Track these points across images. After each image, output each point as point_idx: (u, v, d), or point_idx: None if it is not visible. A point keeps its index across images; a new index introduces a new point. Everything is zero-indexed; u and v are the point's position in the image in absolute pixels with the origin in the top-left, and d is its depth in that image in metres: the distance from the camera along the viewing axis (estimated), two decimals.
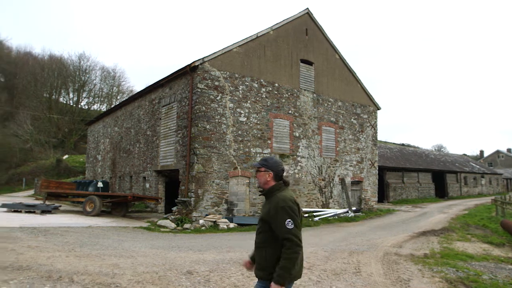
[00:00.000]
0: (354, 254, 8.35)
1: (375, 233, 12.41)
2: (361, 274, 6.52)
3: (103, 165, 24.67)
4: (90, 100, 54.29)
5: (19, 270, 5.69)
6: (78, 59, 52.65)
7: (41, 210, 14.65)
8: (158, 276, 5.82)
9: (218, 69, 14.34)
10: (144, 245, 8.72)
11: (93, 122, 28.47)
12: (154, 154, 16.85)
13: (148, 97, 18.27)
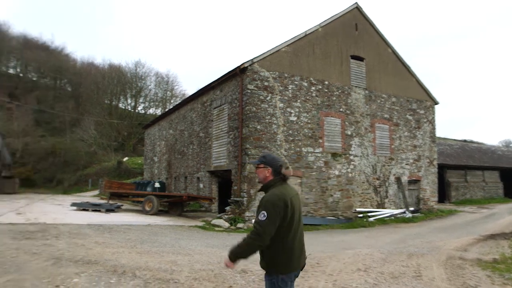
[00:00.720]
0: (414, 256, 7.96)
1: (436, 235, 11.74)
2: (422, 279, 6.20)
3: (160, 166, 25.83)
4: (146, 104, 57.17)
5: (89, 264, 6.15)
6: (135, 67, 55.69)
7: (105, 209, 15.69)
8: (214, 274, 5.98)
9: (267, 69, 14.41)
10: (200, 244, 9.01)
11: (150, 126, 29.94)
12: (207, 155, 17.33)
13: (200, 100, 18.83)
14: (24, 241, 7.93)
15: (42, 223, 10.95)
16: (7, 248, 7.07)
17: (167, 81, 57.95)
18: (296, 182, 14.59)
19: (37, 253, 6.81)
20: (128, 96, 56.08)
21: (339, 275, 6.23)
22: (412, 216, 16.35)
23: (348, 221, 14.77)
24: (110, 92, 54.58)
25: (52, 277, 5.29)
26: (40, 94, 54.79)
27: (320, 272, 6.39)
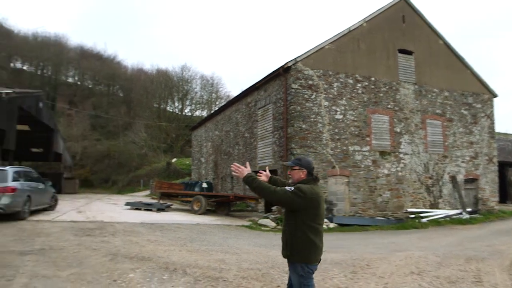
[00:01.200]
0: (472, 261, 7.47)
1: (498, 238, 10.94)
2: (483, 285, 5.80)
3: (207, 166, 26.47)
4: (192, 107, 58.89)
5: (142, 261, 6.44)
6: (181, 71, 57.57)
7: (156, 208, 16.36)
8: (262, 273, 6.01)
9: (311, 68, 14.26)
10: (247, 243, 9.10)
11: (196, 127, 30.79)
12: (253, 155, 17.48)
13: (245, 101, 19.05)
14: (85, 238, 8.48)
15: (100, 221, 11.63)
16: (70, 244, 7.61)
17: (212, 83, 59.29)
18: (343, 181, 14.29)
19: (96, 249, 7.25)
20: (175, 99, 58.10)
21: (391, 277, 6.01)
22: (470, 218, 15.38)
23: (399, 222, 14.20)
24: (159, 96, 56.87)
25: (110, 272, 5.61)
26: (95, 100, 58.43)
27: (370, 274, 6.21)
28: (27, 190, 11.29)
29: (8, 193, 10.22)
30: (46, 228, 9.71)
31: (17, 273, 5.33)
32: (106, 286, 4.90)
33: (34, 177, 12.64)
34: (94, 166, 45.69)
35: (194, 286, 5.14)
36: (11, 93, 19.65)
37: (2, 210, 10.08)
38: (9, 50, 55.72)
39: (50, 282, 4.96)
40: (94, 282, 5.05)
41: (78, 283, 4.96)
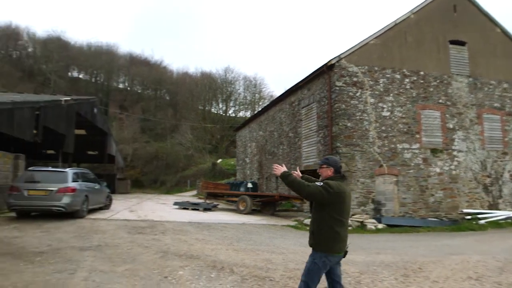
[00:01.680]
0: None
1: None
2: None
3: (251, 167, 26.70)
4: (236, 108, 59.73)
5: (191, 259, 6.63)
6: (224, 73, 58.64)
7: (203, 208, 16.77)
8: None
9: (355, 64, 13.90)
10: (293, 243, 9.06)
11: (240, 128, 31.16)
12: (297, 155, 17.37)
13: (288, 100, 18.98)
14: (137, 236, 8.89)
15: (151, 220, 12.13)
16: (124, 241, 8.01)
17: (255, 84, 59.77)
18: (391, 180, 13.78)
19: (148, 246, 7.57)
20: (219, 100, 59.27)
21: (446, 282, 5.70)
22: None
23: (454, 223, 13.42)
24: (203, 98, 58.33)
25: (160, 268, 5.83)
26: (144, 104, 61.10)
27: (422, 278, 5.92)
28: (85, 190, 12.04)
29: (69, 193, 10.98)
30: (102, 226, 10.29)
31: (78, 267, 5.70)
32: (158, 283, 5.10)
33: (90, 178, 13.45)
34: (144, 167, 47.81)
35: (241, 285, 5.21)
36: (69, 100, 21.10)
37: (63, 209, 10.84)
38: (67, 60, 59.92)
39: (107, 277, 5.25)
40: (146, 278, 5.27)
41: (132, 279, 5.21)
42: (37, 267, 5.68)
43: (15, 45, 61.81)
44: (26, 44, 62.68)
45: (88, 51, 64.23)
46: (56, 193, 10.80)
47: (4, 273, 5.24)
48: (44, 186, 10.88)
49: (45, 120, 17.64)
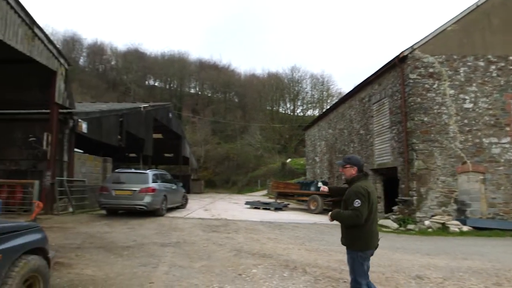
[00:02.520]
0: None
1: None
2: None
3: (321, 166, 26.28)
4: (304, 107, 59.32)
5: (264, 257, 6.72)
6: (291, 72, 58.59)
7: (274, 207, 16.91)
8: (385, 277, 5.68)
9: (431, 54, 12.95)
10: None
11: (309, 127, 30.85)
12: (369, 152, 16.70)
13: (358, 97, 18.33)
14: (212, 234, 9.27)
15: (224, 219, 12.56)
16: (200, 239, 8.40)
17: (322, 81, 58.83)
18: (477, 178, 12.56)
19: (222, 244, 7.85)
20: (287, 100, 59.37)
21: None
22: None
23: None
24: (271, 99, 58.89)
25: (235, 266, 6.00)
26: (214, 107, 63.51)
27: None
28: (163, 190, 12.88)
29: (149, 193, 11.84)
30: (180, 224, 10.91)
31: (160, 262, 6.11)
32: (233, 279, 5.25)
33: (168, 179, 14.33)
34: (216, 168, 49.71)
35: (315, 285, 5.14)
36: (147, 107, 22.75)
37: (145, 207, 11.72)
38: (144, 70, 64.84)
39: (186, 272, 5.55)
40: (222, 275, 5.46)
41: (208, 275, 5.43)
42: (125, 260, 6.20)
43: (101, 59, 68.46)
44: (109, 58, 69.08)
45: (162, 60, 68.70)
46: (138, 193, 11.71)
47: (98, 265, 5.82)
48: (128, 187, 11.87)
49: (127, 126, 19.24)
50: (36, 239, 3.58)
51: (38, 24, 10.79)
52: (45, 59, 11.51)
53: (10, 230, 3.20)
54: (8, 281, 3.01)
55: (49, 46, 11.62)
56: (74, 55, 61.64)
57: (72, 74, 14.30)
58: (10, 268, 3.07)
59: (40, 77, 13.25)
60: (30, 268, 3.31)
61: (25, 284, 3.30)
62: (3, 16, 9.31)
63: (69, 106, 13.37)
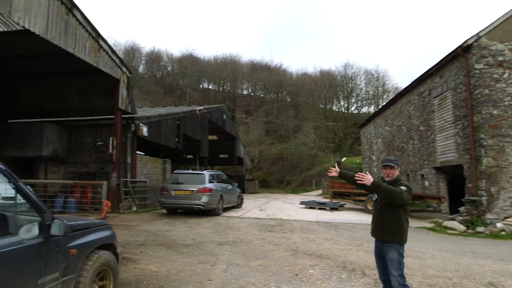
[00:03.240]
0: None
1: None
2: None
3: (378, 164, 25.31)
4: (358, 104, 57.52)
5: (320, 258, 6.62)
6: (344, 69, 57.13)
7: (330, 207, 16.60)
8: (452, 282, 5.33)
9: (499, 41, 11.92)
10: (431, 247, 8.24)
11: (364, 125, 29.87)
12: (431, 149, 15.77)
13: (416, 91, 17.39)
14: (267, 233, 9.32)
15: (279, 219, 12.58)
16: (255, 238, 8.50)
17: (377, 77, 56.70)
18: None
19: (278, 244, 7.86)
20: (340, 98, 58.01)
21: None
22: None
23: None
24: (324, 97, 57.91)
25: (291, 266, 5.98)
26: (267, 107, 63.85)
27: None
28: (219, 190, 13.21)
29: (206, 193, 12.21)
30: (236, 223, 11.12)
31: (218, 260, 6.28)
32: (289, 279, 5.24)
33: (224, 179, 14.67)
34: (270, 168, 49.92)
35: None
36: (202, 110, 23.48)
37: (202, 207, 12.11)
38: (198, 74, 67.02)
39: (243, 270, 5.64)
40: (278, 274, 5.47)
41: (265, 274, 5.48)
42: (185, 257, 6.46)
43: (158, 66, 71.90)
44: (166, 64, 72.32)
45: (215, 63, 70.49)
46: (196, 193, 12.13)
47: (160, 261, 6.12)
48: (186, 187, 12.34)
49: (184, 129, 20.02)
50: (106, 235, 3.86)
51: (102, 36, 11.60)
52: (109, 68, 12.34)
53: (84, 227, 3.48)
54: (83, 273, 3.28)
55: (112, 56, 12.44)
56: (134, 63, 65.43)
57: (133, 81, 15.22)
58: (84, 262, 3.34)
59: (105, 86, 14.26)
60: (102, 262, 3.57)
61: (97, 277, 3.57)
62: (73, 32, 10.15)
63: (131, 111, 14.21)
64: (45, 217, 2.86)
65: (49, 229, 2.85)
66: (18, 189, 2.78)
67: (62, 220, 2.95)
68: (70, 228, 3.14)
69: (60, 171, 15.58)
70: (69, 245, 3.13)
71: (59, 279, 2.96)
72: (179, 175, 13.23)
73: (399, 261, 3.76)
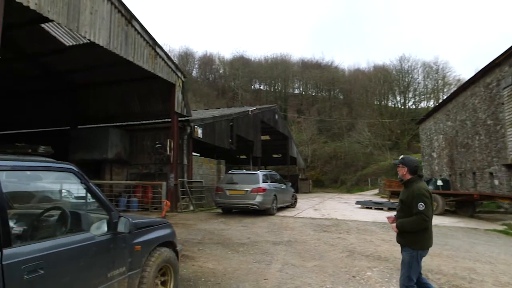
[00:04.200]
0: None
1: None
2: None
3: (440, 162, 23.87)
4: (416, 99, 54.73)
5: (379, 260, 6.39)
6: (399, 62, 54.60)
7: (387, 207, 15.95)
8: None
9: None
10: (503, 251, 7.58)
11: (423, 120, 28.31)
12: (500, 145, 14.54)
13: (482, 82, 16.13)
14: (322, 233, 9.18)
15: (334, 219, 12.33)
16: (310, 238, 8.41)
17: (436, 69, 53.50)
18: None
19: (333, 244, 7.71)
20: (396, 93, 55.56)
21: None
22: None
23: None
24: (378, 93, 55.83)
25: (348, 267, 5.83)
26: (319, 106, 63.02)
27: None
28: (273, 190, 13.26)
29: (260, 192, 12.32)
30: (290, 223, 11.09)
31: (273, 259, 6.31)
32: (346, 281, 5.12)
33: (277, 179, 14.71)
34: (323, 167, 49.16)
35: None
36: (254, 110, 23.75)
37: (257, 206, 12.23)
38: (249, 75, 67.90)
39: (298, 271, 5.61)
40: (335, 276, 5.37)
41: (321, 275, 5.40)
42: (241, 256, 6.57)
43: (210, 69, 74.03)
44: (218, 67, 74.24)
45: (266, 63, 70.94)
46: (250, 192, 12.29)
47: (217, 259, 6.28)
48: (241, 187, 12.55)
49: (237, 130, 20.40)
50: (167, 233, 4.04)
51: (159, 44, 12.18)
52: (165, 74, 12.93)
53: (147, 225, 3.69)
54: (147, 268, 3.47)
55: (168, 62, 13.02)
56: (188, 68, 67.92)
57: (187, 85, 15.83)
58: (148, 258, 3.53)
59: (161, 90, 14.97)
60: (163, 259, 3.75)
61: (159, 272, 3.76)
62: (132, 41, 10.78)
63: (186, 114, 14.76)
64: (112, 215, 3.06)
65: (116, 227, 3.05)
66: (89, 189, 3.02)
67: (128, 218, 3.14)
68: (135, 226, 3.33)
69: (123, 172, 16.61)
70: (134, 242, 3.32)
71: (125, 273, 3.16)
72: (234, 175, 13.49)
73: (410, 263, 3.79)
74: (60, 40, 12.89)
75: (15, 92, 17.00)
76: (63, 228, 2.74)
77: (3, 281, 2.03)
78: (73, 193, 3.68)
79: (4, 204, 2.20)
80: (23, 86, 16.50)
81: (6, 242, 2.14)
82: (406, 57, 62.26)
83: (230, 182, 13.01)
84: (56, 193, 3.86)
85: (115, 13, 9.90)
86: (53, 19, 7.85)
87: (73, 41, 12.96)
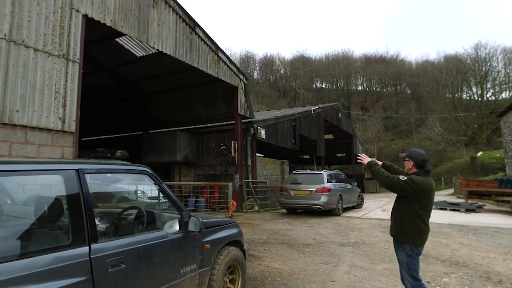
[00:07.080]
0: None
1: None
2: None
3: None
4: (495, 89, 49.86)
5: (457, 265, 5.94)
6: (474, 50, 50.25)
7: (465, 208, 14.75)
8: None
9: None
10: None
11: (506, 112, 25.70)
12: None
13: None
14: None
15: None
16: (379, 240, 8.08)
17: None
18: None
19: None
20: (471, 84, 51.16)
21: None
22: None
23: None
24: (450, 85, 51.86)
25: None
26: (384, 102, 60.30)
27: None
28: (338, 190, 12.96)
29: (325, 192, 12.12)
30: (357, 224, 10.75)
31: (340, 261, 6.17)
32: None
33: (342, 179, 14.35)
34: None
35: None
36: (317, 109, 23.44)
37: (322, 207, 12.05)
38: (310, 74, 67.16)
39: (367, 274, 5.42)
40: None
41: (392, 279, 5.16)
42: (307, 257, 6.52)
43: (271, 70, 74.54)
44: (278, 68, 74.49)
45: (327, 61, 69.65)
46: (315, 193, 12.15)
47: (283, 259, 6.31)
48: (305, 187, 12.46)
49: (300, 129, 20.29)
50: (234, 233, 4.16)
51: (221, 48, 12.57)
52: (228, 77, 13.29)
53: (216, 225, 3.83)
54: (216, 266, 3.61)
55: (230, 66, 13.37)
56: (249, 70, 69.11)
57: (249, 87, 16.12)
58: (217, 256, 3.67)
59: (225, 94, 15.42)
60: (231, 257, 3.87)
61: (227, 270, 3.88)
62: (196, 48, 11.26)
63: (249, 116, 15.03)
64: (183, 215, 3.23)
65: (187, 226, 3.21)
66: (162, 190, 3.22)
67: (198, 217, 3.29)
68: (204, 225, 3.48)
69: (191, 173, 17.40)
70: (203, 241, 3.47)
71: (196, 270, 3.32)
72: (298, 176, 13.43)
73: (410, 262, 3.61)
74: (132, 51, 13.90)
75: (95, 101, 18.72)
76: (140, 226, 2.96)
77: (91, 273, 2.25)
78: (147, 193, 4.00)
79: (91, 204, 2.43)
80: (102, 96, 18.09)
81: (93, 238, 2.37)
82: (482, 43, 56.99)
83: (294, 182, 12.97)
84: (133, 194, 4.17)
85: (180, 22, 10.42)
86: (126, 33, 8.50)
87: (143, 52, 13.90)
